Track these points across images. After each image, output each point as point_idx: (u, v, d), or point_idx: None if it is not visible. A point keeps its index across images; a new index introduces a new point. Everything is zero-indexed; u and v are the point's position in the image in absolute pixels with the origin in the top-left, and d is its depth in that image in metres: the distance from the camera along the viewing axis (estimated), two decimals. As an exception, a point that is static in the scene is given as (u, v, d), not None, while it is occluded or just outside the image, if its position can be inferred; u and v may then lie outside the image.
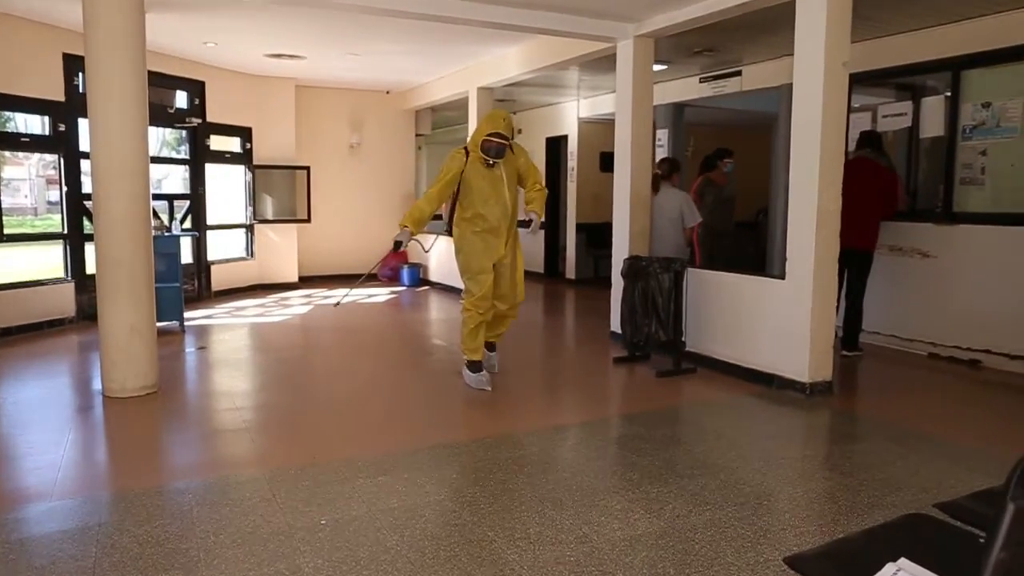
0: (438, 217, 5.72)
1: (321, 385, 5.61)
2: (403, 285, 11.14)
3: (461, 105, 10.14)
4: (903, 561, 1.69)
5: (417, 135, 12.30)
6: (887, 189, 6.16)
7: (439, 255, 10.94)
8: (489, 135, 4.99)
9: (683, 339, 5.77)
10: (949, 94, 6.29)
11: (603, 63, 7.61)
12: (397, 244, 4.99)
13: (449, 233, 5.37)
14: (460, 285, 5.43)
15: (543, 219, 5.36)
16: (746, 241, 10.02)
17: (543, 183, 5.34)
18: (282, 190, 10.54)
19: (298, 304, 9.28)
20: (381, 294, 10.34)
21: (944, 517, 2.05)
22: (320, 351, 6.92)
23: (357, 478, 3.50)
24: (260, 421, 4.56)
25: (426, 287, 11.07)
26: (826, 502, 3.34)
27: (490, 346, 5.59)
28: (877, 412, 4.86)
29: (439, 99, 10.63)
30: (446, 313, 8.77)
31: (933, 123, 6.46)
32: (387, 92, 11.62)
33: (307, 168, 10.69)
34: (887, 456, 3.89)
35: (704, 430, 4.38)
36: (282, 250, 10.64)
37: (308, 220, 10.77)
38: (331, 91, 11.22)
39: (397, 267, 11.38)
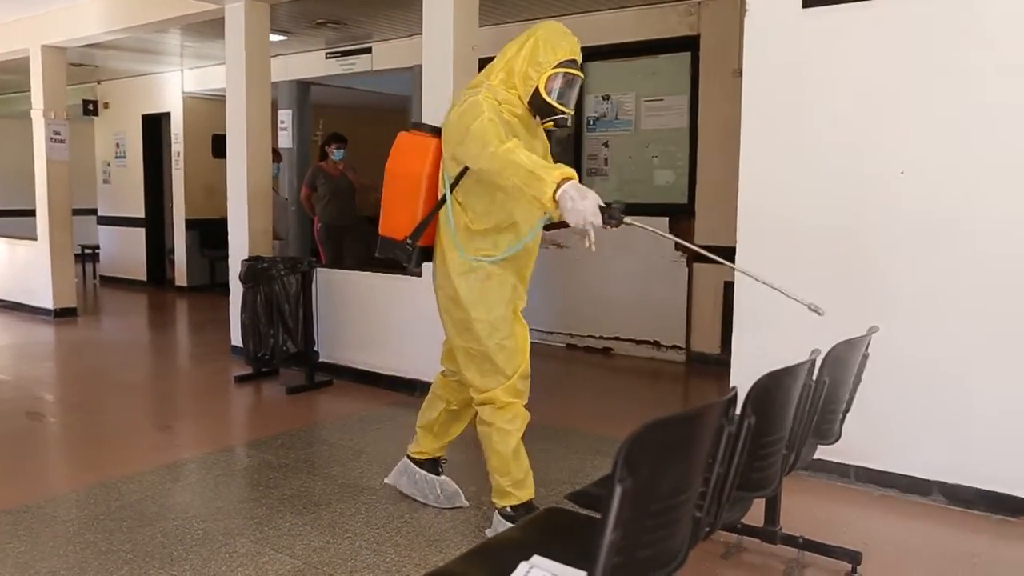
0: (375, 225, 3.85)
1: None
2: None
3: (20, 67, 8.96)
4: (536, 558, 1.90)
5: (-43, 105, 10.68)
6: None
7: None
8: (564, 63, 3.04)
9: (316, 349, 5.81)
10: (574, 85, 7.19)
11: (211, 27, 7.31)
12: (611, 212, 2.84)
13: (419, 259, 3.48)
14: (35, 301, 4.62)
15: None
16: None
17: None
18: None
19: None
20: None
21: (574, 507, 2.34)
22: None
23: None
24: None
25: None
26: (472, 509, 3.60)
27: (434, 464, 3.68)
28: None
29: (-14, 58, 9.30)
30: (8, 337, 7.70)
31: (560, 113, 7.33)
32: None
33: None
34: (531, 452, 4.30)
35: (342, 449, 4.44)
36: None
37: None
38: None
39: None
